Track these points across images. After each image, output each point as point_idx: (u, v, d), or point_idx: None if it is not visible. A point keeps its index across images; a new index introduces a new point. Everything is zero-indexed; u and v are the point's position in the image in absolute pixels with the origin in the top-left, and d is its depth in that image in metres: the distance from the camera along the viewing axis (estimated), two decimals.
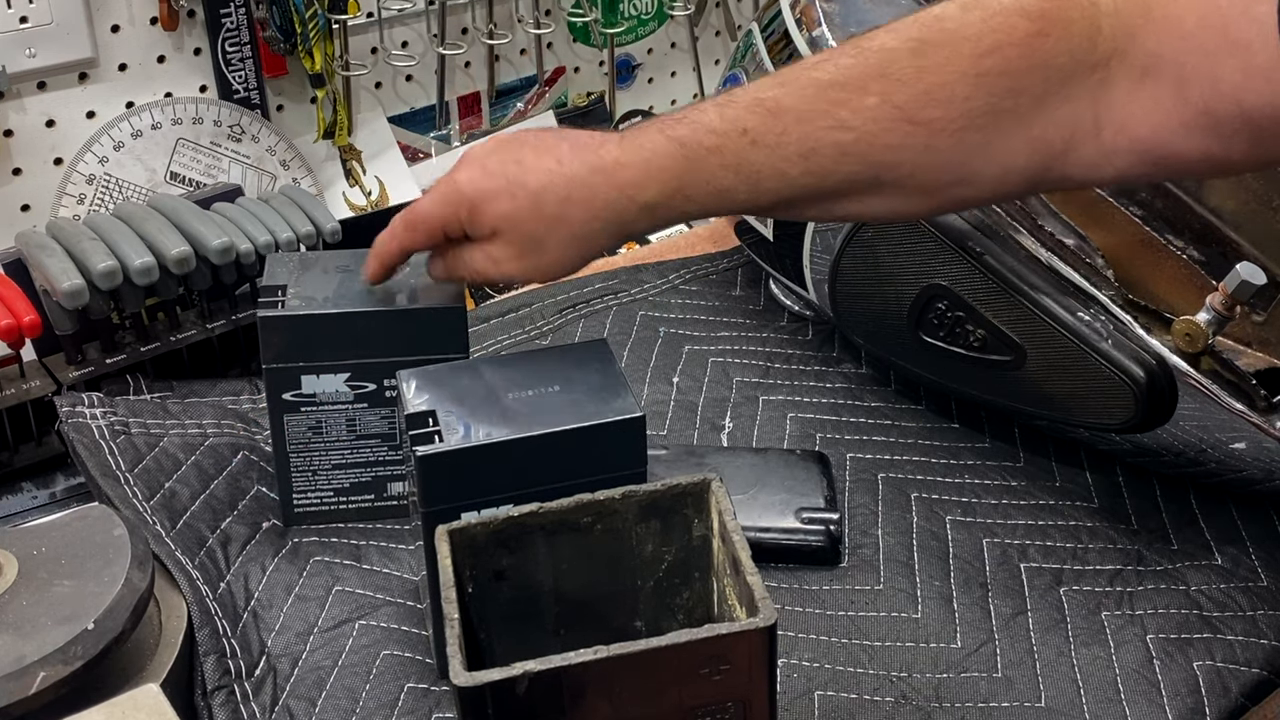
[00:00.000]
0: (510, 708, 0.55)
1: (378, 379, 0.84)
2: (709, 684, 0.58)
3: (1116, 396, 0.84)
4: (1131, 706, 0.76)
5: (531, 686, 0.55)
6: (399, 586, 0.83)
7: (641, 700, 0.57)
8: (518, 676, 0.54)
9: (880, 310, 0.94)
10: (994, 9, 0.66)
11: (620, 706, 0.57)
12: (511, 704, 0.55)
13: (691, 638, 0.56)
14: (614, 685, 0.56)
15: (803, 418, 1.00)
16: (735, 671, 0.57)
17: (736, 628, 0.57)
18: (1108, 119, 0.65)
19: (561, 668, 0.55)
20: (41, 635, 0.66)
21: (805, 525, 0.86)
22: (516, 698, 0.55)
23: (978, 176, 0.69)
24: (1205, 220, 1.02)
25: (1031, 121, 0.66)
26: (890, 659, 0.79)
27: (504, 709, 0.55)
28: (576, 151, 0.73)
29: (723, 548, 0.64)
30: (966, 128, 0.67)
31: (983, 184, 0.70)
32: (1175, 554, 0.88)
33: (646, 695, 0.57)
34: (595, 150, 0.73)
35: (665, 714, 0.58)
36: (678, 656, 0.56)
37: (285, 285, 0.84)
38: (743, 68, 1.04)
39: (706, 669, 0.57)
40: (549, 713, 0.56)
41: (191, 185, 1.19)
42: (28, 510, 0.93)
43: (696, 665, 0.57)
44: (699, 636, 0.56)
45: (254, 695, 0.75)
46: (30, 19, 1.07)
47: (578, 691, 0.56)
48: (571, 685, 0.55)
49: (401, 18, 1.30)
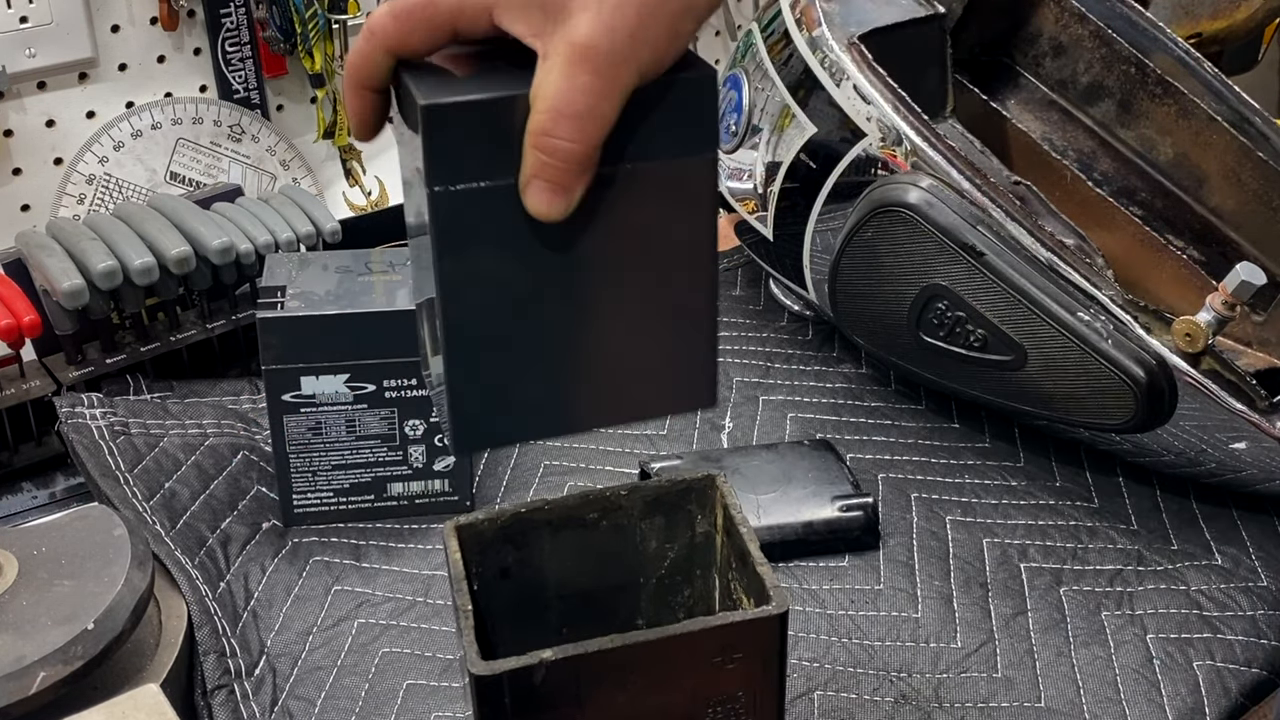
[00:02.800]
0: (527, 697, 0.55)
1: (377, 380, 0.84)
2: (722, 673, 0.58)
3: (1116, 396, 0.84)
4: (1131, 707, 0.76)
5: (548, 675, 0.55)
6: (399, 586, 0.83)
7: (656, 689, 0.57)
8: (535, 665, 0.55)
9: (880, 310, 0.94)
10: None
11: (635, 696, 0.57)
12: (528, 693, 0.55)
13: (706, 625, 0.57)
14: (629, 674, 0.57)
15: (803, 418, 1.00)
16: (747, 661, 0.58)
17: (750, 615, 0.57)
18: None
19: (578, 656, 0.55)
20: (41, 635, 0.66)
21: (846, 513, 0.87)
22: (533, 686, 0.55)
23: None
24: (1205, 220, 1.02)
25: None
26: (890, 659, 0.79)
27: (521, 698, 0.55)
28: None
29: (728, 542, 0.64)
30: None
31: None
32: (1175, 554, 0.88)
33: (661, 684, 0.57)
34: None
35: (679, 703, 0.58)
36: (692, 645, 0.57)
37: (284, 286, 0.84)
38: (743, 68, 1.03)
39: (720, 657, 0.57)
40: (565, 702, 0.56)
41: (191, 185, 1.19)
42: (28, 510, 0.93)
43: (710, 654, 0.57)
44: (713, 624, 0.57)
45: (254, 695, 0.75)
46: (30, 19, 1.07)
47: (593, 680, 0.56)
48: (587, 674, 0.56)
49: None
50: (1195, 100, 1.00)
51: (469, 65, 0.52)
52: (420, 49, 0.52)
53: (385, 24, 0.52)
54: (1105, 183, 1.06)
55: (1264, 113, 0.99)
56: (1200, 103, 1.00)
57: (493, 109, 0.49)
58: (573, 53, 0.49)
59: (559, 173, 0.50)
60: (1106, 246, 0.95)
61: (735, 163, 1.03)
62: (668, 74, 0.51)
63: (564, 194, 0.51)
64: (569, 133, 0.49)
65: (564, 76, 0.49)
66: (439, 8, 0.52)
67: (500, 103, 0.49)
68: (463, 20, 0.52)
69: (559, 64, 0.49)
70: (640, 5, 0.50)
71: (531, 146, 0.50)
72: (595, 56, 0.49)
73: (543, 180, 0.50)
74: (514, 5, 0.51)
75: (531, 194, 0.50)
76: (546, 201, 0.50)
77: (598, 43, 0.49)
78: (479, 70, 0.52)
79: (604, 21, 0.50)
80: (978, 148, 0.98)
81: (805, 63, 0.94)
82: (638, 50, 0.50)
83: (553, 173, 0.50)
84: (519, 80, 0.50)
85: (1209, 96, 1.00)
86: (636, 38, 0.50)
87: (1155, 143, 1.04)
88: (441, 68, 0.52)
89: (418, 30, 0.52)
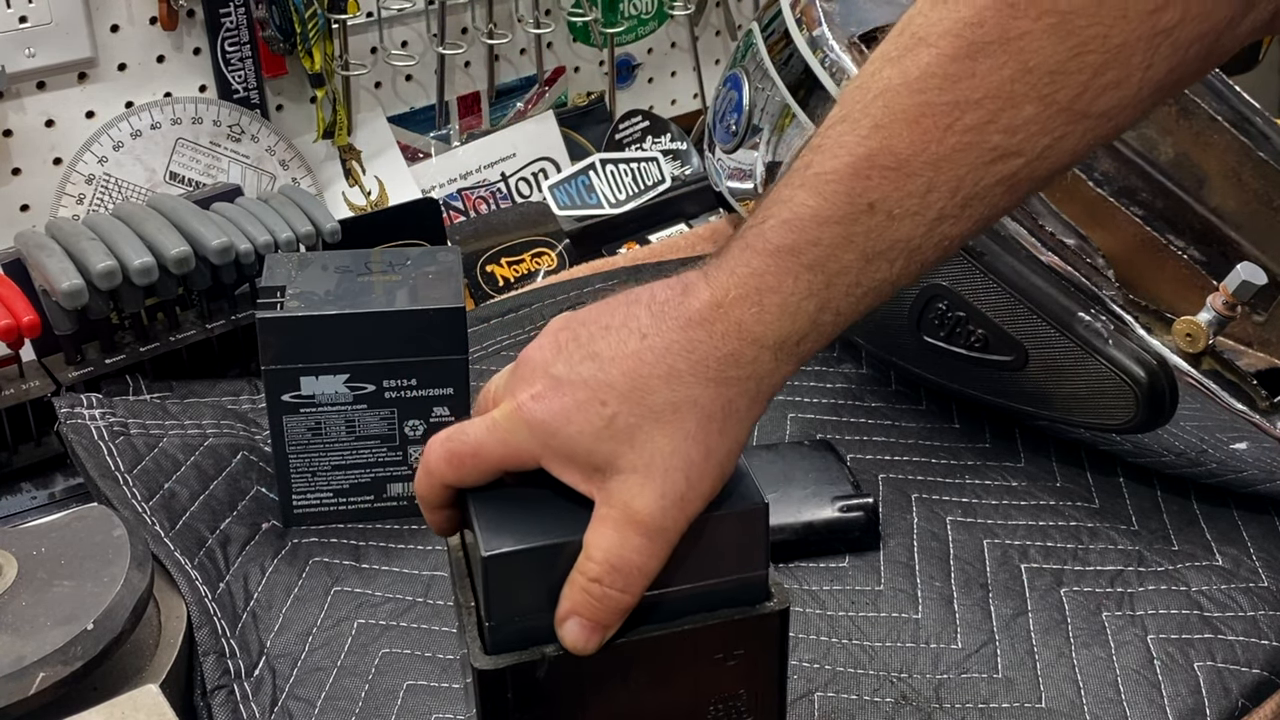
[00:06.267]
0: (529, 692, 0.55)
1: (377, 380, 0.84)
2: (724, 670, 0.58)
3: (1117, 397, 0.84)
4: (1132, 707, 0.76)
5: (551, 670, 0.55)
6: (399, 587, 0.83)
7: (658, 686, 0.58)
8: (538, 660, 0.55)
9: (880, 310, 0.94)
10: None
11: (637, 691, 0.57)
12: (531, 688, 0.55)
13: (708, 623, 0.57)
14: (631, 670, 0.57)
15: (803, 418, 1.00)
16: (749, 658, 0.58)
17: (752, 612, 0.57)
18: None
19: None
20: (41, 635, 0.66)
21: (846, 514, 0.86)
22: (536, 681, 0.55)
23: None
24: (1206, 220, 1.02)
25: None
26: (890, 660, 0.79)
27: (523, 693, 0.55)
28: (659, 311, 0.54)
29: None
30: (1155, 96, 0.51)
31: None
32: (1176, 554, 0.88)
33: (663, 681, 0.58)
34: (680, 298, 0.54)
35: (681, 700, 0.58)
36: (695, 642, 0.57)
37: (284, 286, 0.84)
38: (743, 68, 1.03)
39: (721, 654, 0.58)
40: (567, 697, 0.56)
41: (191, 185, 1.19)
42: (27, 510, 0.93)
43: (712, 651, 0.57)
44: (715, 621, 0.57)
45: (253, 695, 0.75)
46: (30, 19, 1.07)
47: (596, 676, 0.56)
48: (590, 669, 0.56)
49: (401, 17, 1.29)
50: (1196, 100, 1.00)
51: (527, 505, 0.56)
52: (473, 484, 0.56)
53: (440, 464, 0.56)
54: (1106, 183, 1.05)
55: (1264, 113, 0.99)
56: (1201, 103, 1.00)
57: (549, 553, 0.54)
58: (626, 516, 0.53)
59: (602, 614, 0.54)
60: (1107, 246, 0.95)
61: (735, 163, 1.03)
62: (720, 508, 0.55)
63: (600, 632, 0.54)
64: (619, 585, 0.53)
65: (617, 536, 0.53)
66: (487, 455, 0.55)
67: (556, 548, 0.54)
68: (510, 467, 0.55)
69: (613, 524, 0.53)
70: (687, 468, 0.53)
71: (579, 587, 0.53)
72: (649, 522, 0.53)
73: (585, 618, 0.54)
74: (560, 459, 0.54)
75: (569, 628, 0.54)
76: (585, 637, 0.54)
77: (651, 510, 0.52)
78: (537, 511, 0.55)
79: (654, 488, 0.52)
80: None
81: (805, 62, 0.94)
82: (687, 509, 0.53)
83: (596, 613, 0.54)
84: (573, 524, 0.54)
85: (1210, 96, 1.00)
86: (686, 499, 0.53)
87: (1156, 143, 1.04)
88: (502, 506, 0.56)
89: (468, 471, 0.56)
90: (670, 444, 0.52)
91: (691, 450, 0.52)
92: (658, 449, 0.52)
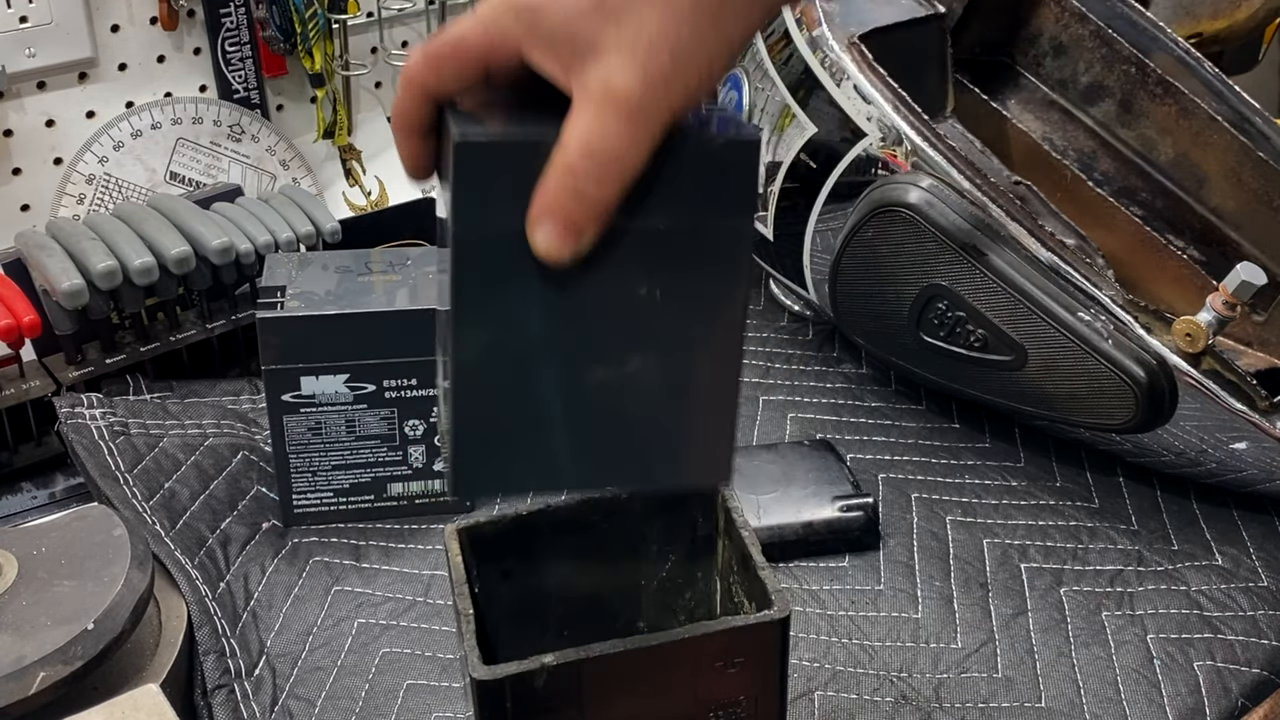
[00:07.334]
0: (528, 702, 0.55)
1: (377, 380, 0.84)
2: (723, 678, 0.58)
3: (1117, 397, 0.84)
4: (1132, 707, 0.76)
5: (550, 679, 0.55)
6: (399, 586, 0.83)
7: (658, 694, 0.57)
8: (536, 669, 0.55)
9: (880, 310, 0.94)
10: None
11: (636, 700, 0.57)
12: (529, 698, 0.55)
13: (708, 630, 0.57)
14: (631, 679, 0.57)
15: (803, 418, 1.00)
16: (749, 665, 0.58)
17: (752, 620, 0.57)
18: None
19: (580, 660, 0.55)
20: (41, 635, 0.66)
21: (845, 514, 0.87)
22: (534, 691, 0.55)
23: None
24: (1205, 220, 1.02)
25: None
26: (890, 659, 0.79)
27: (522, 703, 0.55)
28: None
29: (729, 545, 0.64)
30: None
31: None
32: (1176, 554, 0.88)
33: (663, 689, 0.57)
34: None
35: (680, 707, 0.58)
36: (694, 650, 0.57)
37: (284, 286, 0.84)
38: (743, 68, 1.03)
39: (721, 662, 0.57)
40: (566, 707, 0.56)
41: (191, 185, 1.19)
42: (27, 510, 0.93)
43: (712, 659, 0.57)
44: (715, 629, 0.57)
45: (254, 695, 0.75)
46: (30, 19, 1.07)
47: (595, 685, 0.56)
48: (589, 679, 0.55)
49: (401, 17, 1.29)
50: (1196, 100, 1.00)
51: (508, 109, 0.51)
52: (454, 89, 0.52)
53: (418, 67, 0.52)
54: (1106, 183, 1.06)
55: (1264, 113, 0.99)
56: (1201, 102, 1.00)
57: (525, 150, 0.49)
58: (605, 95, 0.48)
59: (574, 213, 0.49)
60: (1107, 246, 0.95)
61: None
62: (710, 133, 0.50)
63: (575, 236, 0.49)
64: (595, 174, 0.48)
65: (595, 118, 0.48)
66: (467, 47, 0.51)
67: (533, 145, 0.48)
68: (493, 58, 0.51)
69: (590, 106, 0.48)
70: (674, 47, 0.49)
71: (553, 182, 0.48)
72: (628, 101, 0.48)
73: (556, 218, 0.49)
74: (543, 42, 0.50)
75: (541, 230, 0.49)
76: (556, 240, 0.49)
77: (631, 87, 0.48)
78: (517, 114, 0.51)
79: (638, 65, 0.48)
80: (978, 148, 0.98)
81: (805, 62, 0.94)
82: (671, 94, 0.49)
83: (568, 211, 0.49)
84: (555, 125, 0.48)
85: (1209, 96, 1.00)
86: (671, 81, 0.49)
87: (1156, 143, 1.04)
88: (481, 111, 0.51)
89: (448, 70, 0.51)
90: (658, 22, 0.48)
91: (682, 29, 0.49)
92: (644, 25, 0.48)
